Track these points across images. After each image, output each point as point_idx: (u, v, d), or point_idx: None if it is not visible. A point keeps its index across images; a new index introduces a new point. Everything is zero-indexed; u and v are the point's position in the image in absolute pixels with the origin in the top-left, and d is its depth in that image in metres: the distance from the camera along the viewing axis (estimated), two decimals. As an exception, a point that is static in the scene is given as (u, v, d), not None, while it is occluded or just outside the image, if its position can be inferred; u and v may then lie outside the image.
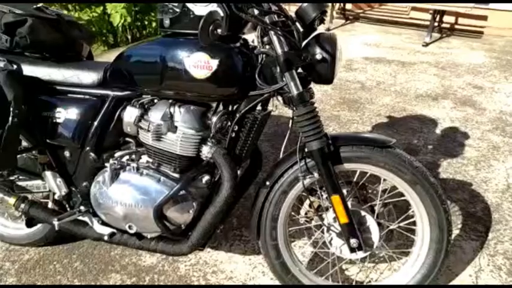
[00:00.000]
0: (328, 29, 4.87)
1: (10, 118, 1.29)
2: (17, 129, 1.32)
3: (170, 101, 1.34)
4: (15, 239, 1.77)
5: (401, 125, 2.82)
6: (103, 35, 4.86)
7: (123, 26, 4.78)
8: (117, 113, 1.41)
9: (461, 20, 5.28)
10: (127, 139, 1.47)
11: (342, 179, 1.35)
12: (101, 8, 4.70)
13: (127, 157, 1.44)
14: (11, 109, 1.29)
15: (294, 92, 1.20)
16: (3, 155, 1.33)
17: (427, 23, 4.84)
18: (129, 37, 5.01)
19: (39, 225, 1.63)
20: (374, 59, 4.12)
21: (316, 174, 1.27)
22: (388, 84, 3.51)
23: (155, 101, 1.37)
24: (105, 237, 1.40)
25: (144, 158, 1.45)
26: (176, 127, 1.31)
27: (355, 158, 1.28)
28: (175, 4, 1.20)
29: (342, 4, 5.52)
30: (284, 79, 1.21)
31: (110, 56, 3.73)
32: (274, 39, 1.17)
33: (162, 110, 1.32)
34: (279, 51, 1.17)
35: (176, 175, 1.37)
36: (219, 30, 1.07)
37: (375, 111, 3.01)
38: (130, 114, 1.35)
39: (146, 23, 4.99)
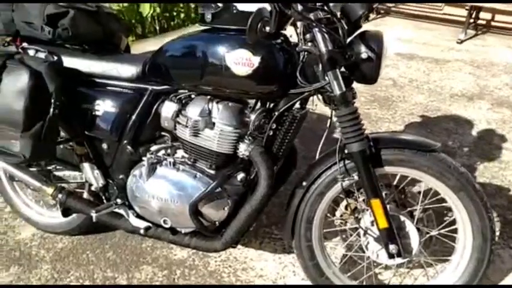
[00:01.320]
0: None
1: (51, 109, 1.31)
2: (57, 121, 1.34)
3: (208, 97, 1.32)
4: (50, 227, 1.80)
5: (435, 125, 2.73)
6: (132, 25, 4.90)
7: (152, 16, 4.80)
8: (155, 107, 1.41)
9: (498, 17, 5.07)
10: (162, 133, 1.47)
11: (381, 181, 1.31)
12: (133, -2, 4.72)
13: (163, 151, 1.44)
14: (52, 100, 1.31)
15: (337, 91, 1.16)
16: (44, 145, 1.35)
17: (462, 19, 4.66)
18: (157, 28, 5.03)
19: (74, 215, 1.66)
20: (406, 55, 4.00)
21: (355, 177, 1.24)
22: (421, 82, 3.41)
23: (192, 96, 1.37)
24: (141, 231, 1.41)
25: (180, 153, 1.44)
26: (214, 123, 1.30)
27: (397, 161, 1.24)
28: (219, -1, 1.18)
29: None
30: (326, 78, 1.18)
31: (138, 47, 3.77)
32: (319, 36, 1.14)
33: (200, 106, 1.31)
34: (323, 49, 1.14)
35: (212, 171, 1.36)
36: (267, 28, 1.05)
37: (408, 110, 2.93)
38: (168, 108, 1.35)
39: (175, 14, 5.00)
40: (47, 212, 1.83)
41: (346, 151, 1.23)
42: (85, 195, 1.63)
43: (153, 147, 1.46)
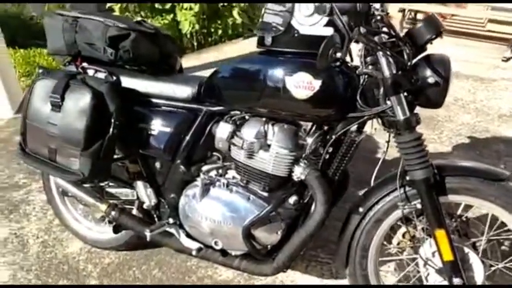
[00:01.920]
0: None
1: (111, 129, 1.34)
2: (115, 140, 1.36)
3: (263, 118, 1.32)
4: (98, 243, 1.83)
5: (484, 147, 2.62)
6: (171, 41, 5.02)
7: (191, 33, 4.91)
8: (209, 127, 1.41)
9: (545, 34, 4.86)
10: (214, 153, 1.48)
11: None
12: (171, 15, 4.86)
13: (214, 172, 1.44)
14: (112, 120, 1.34)
15: (401, 116, 1.13)
16: (102, 164, 1.37)
17: (507, 36, 4.51)
18: (195, 44, 5.13)
19: (123, 231, 1.67)
20: (448, 73, 3.89)
21: (418, 205, 1.19)
22: (467, 101, 3.29)
23: (246, 117, 1.36)
24: (193, 252, 1.40)
25: (231, 173, 1.44)
26: (269, 146, 1.29)
27: (462, 189, 1.19)
28: (280, 23, 1.18)
29: (413, 13, 5.29)
30: (388, 102, 1.15)
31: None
32: (383, 60, 1.11)
33: (255, 128, 1.30)
34: (387, 73, 1.11)
35: (265, 194, 1.34)
36: (338, 54, 1.03)
37: (454, 131, 2.82)
38: (222, 130, 1.35)
39: (212, 30, 5.09)
40: (95, 226, 1.86)
41: (407, 177, 1.18)
42: (134, 212, 1.65)
43: (205, 168, 1.46)
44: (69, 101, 1.33)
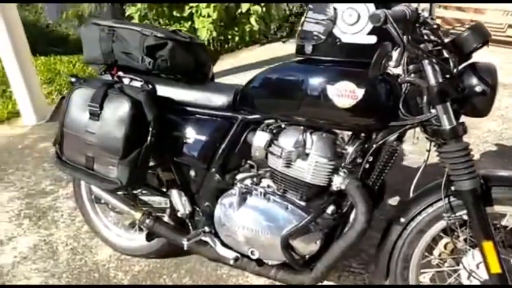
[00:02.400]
0: (416, 47, 4.64)
1: (149, 137, 1.34)
2: (152, 148, 1.36)
3: (301, 127, 1.31)
4: (129, 250, 1.83)
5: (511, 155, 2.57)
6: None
7: (208, 40, 4.94)
8: (244, 135, 1.41)
9: None
10: (248, 162, 1.47)
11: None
12: (189, 23, 4.89)
13: (249, 180, 1.43)
14: (150, 128, 1.34)
15: (447, 125, 1.11)
16: (139, 173, 1.38)
17: (528, 41, 4.44)
18: (212, 49, 5.16)
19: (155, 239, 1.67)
20: (470, 79, 3.84)
21: (464, 216, 1.16)
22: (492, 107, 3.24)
23: (282, 125, 1.35)
24: (230, 261, 1.39)
25: (265, 182, 1.43)
26: (307, 154, 1.28)
27: (508, 200, 1.16)
28: (321, 31, 1.17)
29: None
30: (432, 110, 1.13)
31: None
32: (429, 69, 1.09)
33: (294, 137, 1.29)
34: (433, 81, 1.09)
35: (302, 203, 1.33)
36: (390, 63, 1.02)
37: (481, 138, 2.78)
38: (260, 138, 1.34)
39: (229, 37, 5.12)
40: (125, 234, 1.86)
41: (452, 188, 1.16)
42: (165, 219, 1.65)
43: (239, 176, 1.46)
44: (108, 110, 1.34)
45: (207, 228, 1.46)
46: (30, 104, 3.28)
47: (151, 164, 1.52)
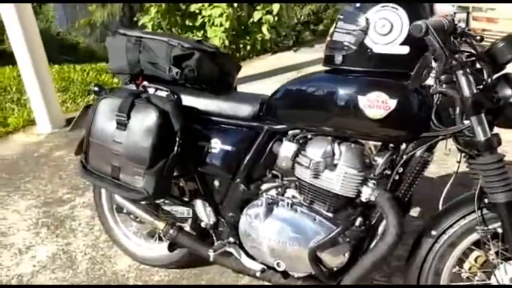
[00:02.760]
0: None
1: (175, 147, 1.34)
2: (179, 158, 1.36)
3: (328, 137, 1.30)
4: (148, 260, 1.82)
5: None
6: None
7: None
8: (269, 146, 1.40)
9: None
10: (273, 172, 1.46)
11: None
12: (202, 32, 4.93)
13: (274, 191, 1.42)
14: (177, 139, 1.34)
15: (481, 137, 1.09)
16: (165, 183, 1.37)
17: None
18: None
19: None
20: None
21: (498, 229, 1.14)
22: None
23: (309, 136, 1.34)
24: (257, 273, 1.37)
25: (290, 192, 1.42)
26: (335, 165, 1.27)
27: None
28: (352, 41, 1.17)
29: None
30: (466, 122, 1.11)
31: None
32: (463, 79, 1.08)
33: (322, 147, 1.28)
34: (467, 92, 1.08)
35: (330, 214, 1.31)
36: (431, 74, 1.01)
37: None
38: (287, 148, 1.33)
39: (241, 46, 5.14)
40: (144, 243, 1.85)
41: (486, 200, 1.14)
42: (187, 229, 1.64)
43: (264, 186, 1.45)
44: (135, 120, 1.34)
45: (231, 239, 1.45)
46: (46, 112, 3.31)
47: (175, 173, 1.53)
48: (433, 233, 1.24)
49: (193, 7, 4.83)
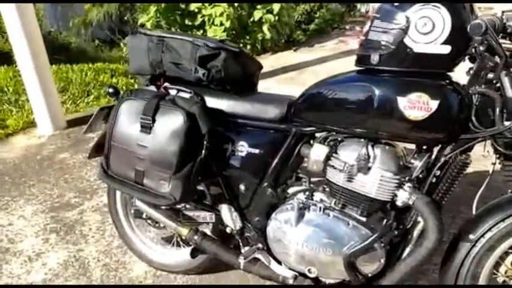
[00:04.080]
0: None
1: (203, 151, 1.29)
2: (206, 162, 1.31)
3: (362, 139, 1.26)
4: (167, 266, 1.77)
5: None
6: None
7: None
8: (298, 148, 1.36)
9: None
10: (300, 175, 1.43)
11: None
12: (201, 31, 4.87)
13: (302, 194, 1.39)
14: (205, 142, 1.29)
15: (523, 138, 1.07)
16: (191, 187, 1.32)
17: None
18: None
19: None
20: None
21: (540, 232, 1.12)
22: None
23: (340, 138, 1.31)
24: (289, 281, 1.33)
25: (318, 195, 1.38)
26: (369, 168, 1.23)
27: None
28: (390, 41, 1.13)
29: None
30: (506, 123, 1.08)
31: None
32: (506, 80, 1.06)
33: (356, 150, 1.24)
34: (510, 93, 1.05)
35: (363, 218, 1.28)
36: (489, 76, 0.98)
37: None
38: (318, 151, 1.29)
39: (241, 45, 5.09)
40: (160, 248, 1.80)
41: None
42: (208, 233, 1.59)
43: (291, 190, 1.41)
44: (161, 123, 1.29)
45: (260, 245, 1.40)
46: (47, 114, 3.23)
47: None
48: (471, 237, 1.21)
49: (193, 6, 4.77)
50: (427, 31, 1.08)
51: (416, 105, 1.11)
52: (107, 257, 1.93)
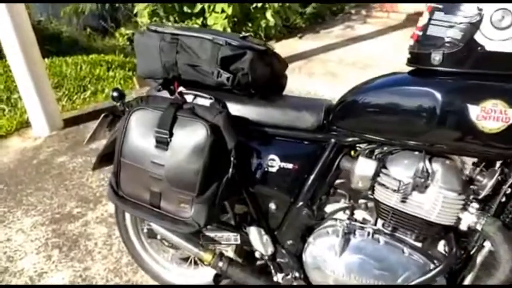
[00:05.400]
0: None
1: (230, 169, 1.11)
2: (233, 181, 1.13)
3: (415, 152, 1.08)
4: (184, 288, 1.60)
5: None
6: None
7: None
8: (337, 162, 1.18)
9: None
10: (338, 191, 1.25)
11: None
12: (201, 19, 4.62)
13: (342, 214, 1.21)
14: (232, 158, 1.10)
15: None
16: (216, 209, 1.14)
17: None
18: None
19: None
20: None
21: None
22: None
23: (390, 150, 1.12)
24: (335, 316, 1.17)
25: (359, 214, 1.21)
26: (426, 186, 1.05)
27: None
28: (458, 38, 0.94)
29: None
30: None
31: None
32: None
33: (411, 165, 1.06)
34: None
35: (418, 244, 1.11)
36: None
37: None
38: (364, 166, 1.11)
39: (243, 33, 4.85)
40: (176, 268, 1.63)
41: None
42: (230, 254, 1.42)
43: (328, 208, 1.24)
44: (180, 137, 1.10)
45: (296, 274, 1.23)
46: (42, 113, 3.00)
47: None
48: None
49: (192, -8, 4.51)
50: (505, 26, 0.89)
51: (492, 115, 0.92)
52: (116, 276, 1.76)
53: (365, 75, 1.18)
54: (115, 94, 1.33)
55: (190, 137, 1.09)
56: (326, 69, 3.94)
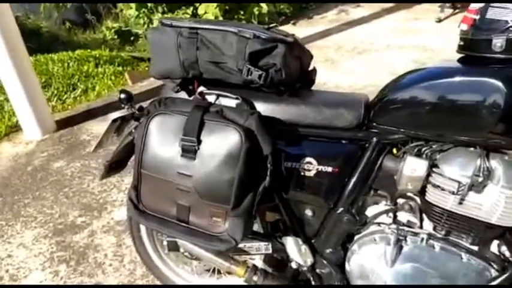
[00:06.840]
0: (440, 19, 4.34)
1: (267, 177, 0.99)
2: (271, 190, 1.02)
3: (471, 149, 0.99)
4: (208, 301, 1.50)
5: None
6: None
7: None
8: (379, 162, 1.08)
9: None
10: (379, 192, 1.15)
11: None
12: (191, 8, 4.45)
13: (385, 217, 1.12)
14: (268, 164, 0.99)
15: None
16: (252, 220, 1.03)
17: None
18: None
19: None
20: None
21: None
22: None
23: (442, 148, 1.03)
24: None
25: (403, 217, 1.11)
26: (485, 186, 0.96)
27: None
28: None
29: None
30: None
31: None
32: None
33: (467, 163, 0.97)
34: None
35: (475, 248, 1.02)
36: None
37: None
38: (414, 166, 1.01)
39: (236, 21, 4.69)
40: (197, 279, 1.52)
41: None
42: (259, 263, 1.32)
43: (370, 212, 1.14)
44: (210, 145, 0.98)
45: (338, 283, 1.14)
46: (33, 115, 2.83)
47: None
48: None
49: (181, -20, 4.32)
50: None
51: None
52: (131, 290, 1.64)
53: (365, 61, 1.08)
54: (123, 96, 1.20)
55: (221, 143, 0.97)
56: (325, 56, 3.82)
